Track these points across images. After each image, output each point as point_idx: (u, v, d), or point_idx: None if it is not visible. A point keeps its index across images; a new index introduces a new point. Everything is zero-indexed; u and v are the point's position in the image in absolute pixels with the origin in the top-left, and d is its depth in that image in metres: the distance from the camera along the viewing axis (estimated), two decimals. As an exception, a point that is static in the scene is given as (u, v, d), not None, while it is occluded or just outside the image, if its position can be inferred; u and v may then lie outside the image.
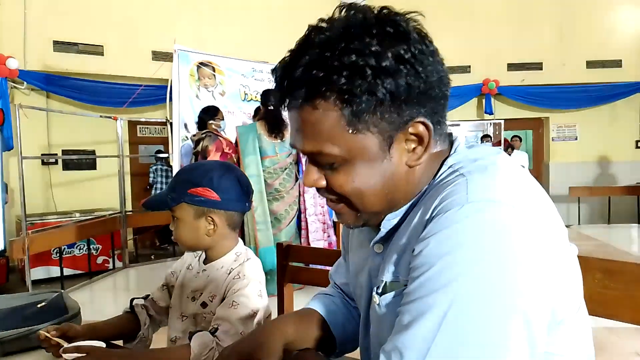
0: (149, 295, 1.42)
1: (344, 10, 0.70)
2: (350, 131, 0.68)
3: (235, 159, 4.35)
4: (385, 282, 0.75)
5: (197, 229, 1.27)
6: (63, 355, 1.03)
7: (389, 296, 0.74)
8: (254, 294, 1.22)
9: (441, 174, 0.73)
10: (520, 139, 8.59)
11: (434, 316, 0.60)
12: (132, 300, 1.37)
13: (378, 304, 0.76)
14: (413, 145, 0.72)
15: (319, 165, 0.74)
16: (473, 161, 0.71)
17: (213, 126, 4.44)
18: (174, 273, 1.43)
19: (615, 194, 7.94)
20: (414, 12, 0.72)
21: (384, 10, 0.70)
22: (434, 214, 0.66)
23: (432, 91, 0.70)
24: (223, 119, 4.54)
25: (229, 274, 1.28)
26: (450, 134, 0.79)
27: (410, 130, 0.70)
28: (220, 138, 4.42)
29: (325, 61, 0.66)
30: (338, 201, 0.76)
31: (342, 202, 0.76)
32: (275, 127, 4.27)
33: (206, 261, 1.34)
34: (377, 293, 0.76)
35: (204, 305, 1.28)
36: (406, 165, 0.73)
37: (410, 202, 0.76)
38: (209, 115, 4.48)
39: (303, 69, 0.67)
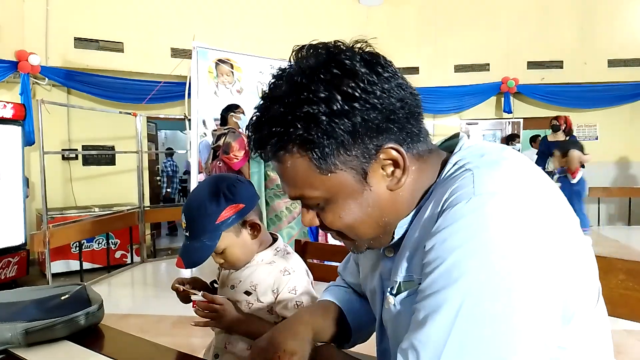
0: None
1: (296, 52, 0.73)
2: (322, 174, 0.71)
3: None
4: (399, 282, 0.76)
5: (245, 242, 1.29)
6: (197, 303, 1.25)
7: (403, 295, 0.75)
8: (308, 284, 1.29)
9: (447, 171, 0.74)
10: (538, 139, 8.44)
11: (447, 311, 0.61)
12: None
13: (393, 304, 0.77)
14: (391, 169, 0.73)
15: (309, 207, 0.78)
16: (480, 156, 0.72)
17: (233, 119, 4.45)
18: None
19: (635, 195, 7.82)
20: (362, 40, 0.73)
21: (331, 46, 0.72)
22: (443, 208, 0.67)
23: (394, 115, 0.70)
24: (243, 113, 4.56)
25: (271, 265, 1.31)
26: (458, 134, 0.81)
27: (383, 157, 0.71)
28: (243, 136, 4.44)
29: (282, 116, 0.69)
30: (337, 235, 0.80)
31: (340, 235, 0.80)
32: None
33: None
34: (391, 294, 0.77)
35: (247, 293, 1.30)
36: (389, 190, 0.74)
37: (416, 209, 0.77)
38: (229, 111, 4.50)
39: (265, 126, 0.71)
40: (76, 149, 6.68)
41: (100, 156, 6.91)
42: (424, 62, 8.17)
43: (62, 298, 1.19)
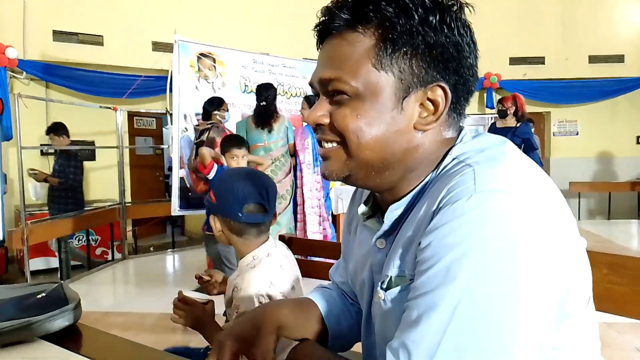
0: None
1: None
2: (374, 66, 0.69)
3: None
4: (391, 276, 0.73)
5: (214, 228, 1.40)
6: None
7: (394, 291, 0.73)
8: (253, 304, 1.26)
9: (445, 165, 0.72)
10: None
11: (443, 311, 0.59)
12: None
13: (383, 300, 0.74)
14: (425, 114, 0.72)
15: (329, 97, 0.74)
16: (480, 151, 0.70)
17: (218, 117, 4.38)
18: None
19: (615, 189, 7.94)
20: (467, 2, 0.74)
21: None
22: (440, 205, 0.64)
23: (462, 70, 0.72)
24: (228, 111, 4.51)
25: (239, 276, 1.35)
26: (462, 128, 0.78)
27: (429, 95, 0.71)
28: (227, 130, 4.40)
29: None
30: (332, 141, 0.76)
31: (337, 142, 0.75)
32: (264, 121, 4.28)
33: None
34: (381, 288, 0.75)
35: (230, 301, 1.35)
36: (413, 127, 0.72)
37: (413, 194, 0.74)
38: (214, 106, 4.41)
39: None
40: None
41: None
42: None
43: (38, 297, 1.15)
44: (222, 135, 4.25)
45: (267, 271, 1.33)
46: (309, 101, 4.53)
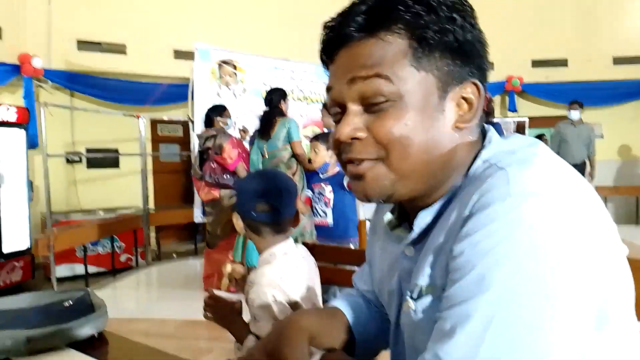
0: None
1: None
2: (413, 66, 0.66)
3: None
4: (421, 286, 0.70)
5: (237, 225, 1.44)
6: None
7: (425, 300, 0.70)
8: (267, 304, 1.28)
9: (476, 168, 0.69)
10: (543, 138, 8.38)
11: (478, 322, 0.56)
12: None
13: (414, 310, 0.71)
14: (461, 112, 0.70)
15: (364, 105, 0.69)
16: (511, 153, 0.67)
17: (220, 123, 4.41)
18: None
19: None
20: None
21: None
22: (473, 210, 0.61)
23: (484, 65, 0.71)
24: (230, 117, 4.54)
25: (252, 272, 1.39)
26: (483, 126, 0.75)
27: (464, 93, 0.69)
28: (232, 137, 4.43)
29: None
30: (369, 159, 0.69)
31: (377, 159, 0.69)
32: (262, 131, 4.24)
33: None
34: (411, 298, 0.72)
35: (247, 300, 1.38)
36: (454, 127, 0.69)
37: (443, 199, 0.72)
38: (215, 112, 4.46)
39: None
40: (80, 152, 6.67)
41: (104, 159, 6.90)
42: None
43: (65, 304, 1.16)
44: (229, 141, 4.28)
45: (280, 267, 1.36)
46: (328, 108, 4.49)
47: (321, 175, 3.28)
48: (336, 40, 0.71)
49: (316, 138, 3.30)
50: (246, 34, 7.02)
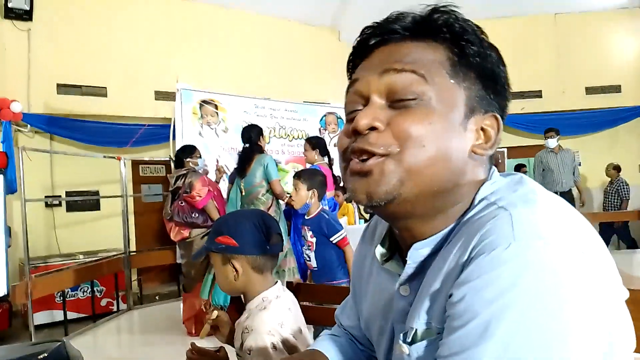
0: None
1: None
2: (449, 75, 0.68)
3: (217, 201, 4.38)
4: (416, 329, 0.67)
5: (226, 275, 1.38)
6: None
7: (420, 346, 0.67)
8: (266, 351, 1.25)
9: (476, 206, 0.67)
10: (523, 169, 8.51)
11: None
12: None
13: (408, 354, 0.68)
14: (480, 141, 0.69)
15: (390, 100, 0.68)
16: (512, 191, 0.65)
17: (190, 164, 4.43)
18: None
19: (621, 219, 7.86)
20: None
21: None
22: (473, 255, 0.59)
23: (506, 107, 0.74)
24: (200, 157, 4.56)
25: (249, 318, 1.35)
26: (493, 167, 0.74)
27: (485, 123, 0.70)
28: (204, 176, 4.44)
29: (451, 13, 0.69)
30: (381, 154, 0.66)
31: (386, 155, 0.66)
32: (239, 169, 4.28)
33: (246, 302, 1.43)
34: (405, 342, 0.69)
35: (241, 346, 1.34)
36: (471, 151, 0.68)
37: (442, 234, 0.69)
38: (186, 153, 4.50)
39: (431, 10, 0.70)
40: (60, 195, 6.58)
41: (84, 201, 6.80)
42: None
43: (39, 357, 1.12)
44: (200, 179, 4.29)
45: (277, 312, 1.34)
46: (311, 142, 4.53)
47: (306, 217, 3.23)
48: (377, 37, 0.71)
49: (298, 176, 3.25)
50: (227, 74, 7.11)
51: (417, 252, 0.70)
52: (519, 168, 8.19)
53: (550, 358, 0.53)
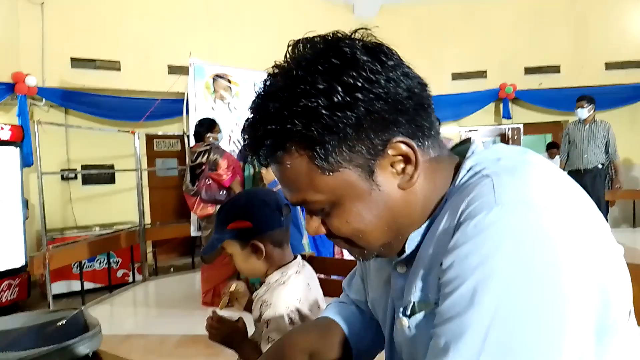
0: None
1: (292, 46, 0.68)
2: (325, 174, 0.65)
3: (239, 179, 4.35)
4: (413, 302, 0.69)
5: (248, 258, 1.37)
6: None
7: (419, 316, 0.69)
8: (283, 326, 1.26)
9: (461, 177, 0.68)
10: (557, 147, 7.57)
11: (474, 336, 0.55)
12: None
13: (408, 327, 0.71)
14: (401, 166, 0.67)
15: (313, 213, 0.72)
16: (496, 161, 0.66)
17: (211, 139, 4.37)
18: None
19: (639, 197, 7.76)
20: (362, 28, 0.68)
21: (329, 37, 0.67)
22: (461, 220, 0.60)
23: (402, 106, 0.65)
24: (220, 132, 4.51)
25: (268, 291, 1.35)
26: (469, 139, 0.75)
27: (391, 152, 0.66)
28: (227, 152, 4.40)
29: (278, 113, 0.64)
30: (344, 242, 0.73)
31: (348, 243, 0.73)
32: None
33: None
34: (404, 315, 0.71)
35: (259, 319, 1.34)
36: (400, 188, 0.68)
37: (431, 218, 0.70)
38: (204, 127, 4.41)
39: (260, 126, 0.66)
40: (75, 169, 6.66)
41: (99, 175, 6.88)
42: (420, 72, 8.05)
43: (58, 324, 1.15)
44: (224, 156, 4.26)
45: (296, 288, 1.35)
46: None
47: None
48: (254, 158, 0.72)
49: None
50: (240, 49, 7.05)
51: (413, 241, 0.72)
52: (552, 145, 7.88)
53: (539, 320, 0.54)
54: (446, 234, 0.63)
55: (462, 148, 0.76)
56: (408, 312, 0.70)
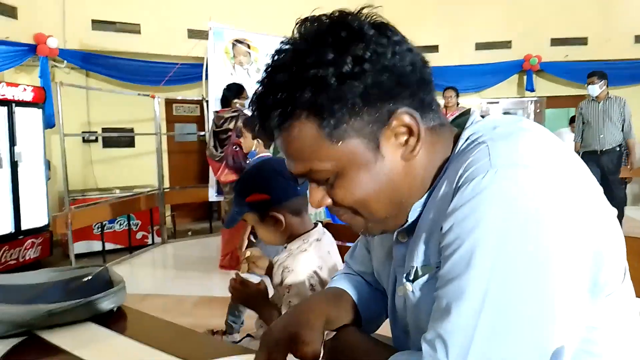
0: None
1: (299, 24, 0.70)
2: (332, 142, 0.67)
3: None
4: (416, 266, 0.72)
5: (268, 230, 1.40)
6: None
7: (422, 280, 0.72)
8: (304, 291, 1.29)
9: (460, 146, 0.70)
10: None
11: (472, 297, 0.58)
12: None
13: (412, 291, 0.74)
14: (404, 138, 0.69)
15: (318, 184, 0.73)
16: (492, 129, 0.68)
17: (238, 105, 4.30)
18: None
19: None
20: (368, 5, 0.69)
21: (336, 14, 0.69)
22: (459, 184, 0.63)
23: (406, 79, 0.67)
24: (247, 98, 4.46)
25: (289, 258, 1.37)
26: (468, 110, 0.77)
27: (395, 123, 0.68)
28: None
29: (287, 83, 0.66)
30: (348, 214, 0.75)
31: (353, 213, 0.74)
32: None
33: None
34: (407, 280, 0.74)
35: (281, 283, 1.37)
36: (402, 160, 0.70)
37: (432, 187, 0.73)
38: (232, 92, 4.33)
39: (269, 96, 0.67)
40: (96, 132, 6.73)
41: (119, 138, 6.95)
42: (443, 41, 8.00)
43: (84, 280, 1.19)
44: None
45: (317, 255, 1.37)
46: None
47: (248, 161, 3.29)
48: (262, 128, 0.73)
49: (244, 124, 3.30)
50: (260, 13, 6.96)
51: (414, 212, 0.74)
52: (574, 121, 7.71)
53: (534, 280, 0.57)
54: (445, 199, 0.65)
55: (461, 120, 0.78)
56: (411, 277, 0.73)
